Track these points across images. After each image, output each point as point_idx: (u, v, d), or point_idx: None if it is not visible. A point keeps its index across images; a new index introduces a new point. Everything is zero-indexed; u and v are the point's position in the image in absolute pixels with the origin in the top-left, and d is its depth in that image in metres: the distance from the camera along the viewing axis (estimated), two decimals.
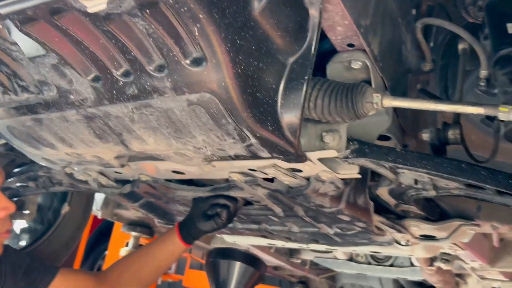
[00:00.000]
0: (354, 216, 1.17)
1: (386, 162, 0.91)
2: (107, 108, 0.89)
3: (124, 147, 1.01)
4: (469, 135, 1.21)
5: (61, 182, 1.48)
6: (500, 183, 0.81)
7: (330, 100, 0.85)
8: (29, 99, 0.96)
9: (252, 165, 1.02)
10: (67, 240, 1.78)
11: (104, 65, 0.80)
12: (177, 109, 0.83)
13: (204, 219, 1.32)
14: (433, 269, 2.02)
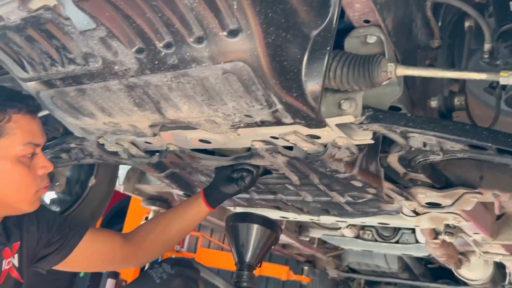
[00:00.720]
0: (366, 182, 1.28)
1: (397, 127, 1.01)
2: (147, 78, 0.99)
3: (160, 115, 1.11)
4: (474, 110, 1.31)
5: (92, 154, 1.59)
6: (500, 142, 0.91)
7: (349, 70, 0.95)
8: (75, 71, 1.06)
9: (274, 132, 1.12)
10: (93, 211, 1.90)
11: (148, 37, 0.90)
12: (212, 78, 0.93)
13: (227, 183, 1.41)
14: (438, 242, 2.13)
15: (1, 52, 1.09)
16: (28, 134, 1.14)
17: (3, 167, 1.10)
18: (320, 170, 1.26)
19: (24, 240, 1.28)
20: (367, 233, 2.78)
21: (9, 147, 1.10)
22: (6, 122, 1.10)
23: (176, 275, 1.18)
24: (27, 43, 1.03)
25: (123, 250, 1.46)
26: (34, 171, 1.16)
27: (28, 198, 1.16)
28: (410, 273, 3.57)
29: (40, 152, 1.19)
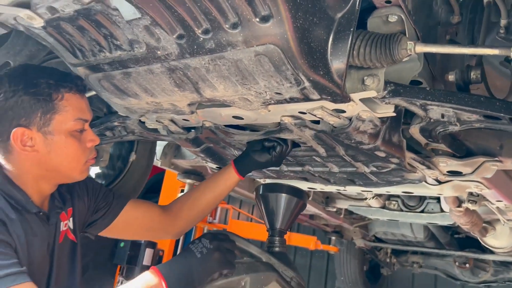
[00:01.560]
0: (389, 152, 1.36)
1: (417, 100, 1.09)
2: (187, 61, 1.09)
3: (198, 94, 1.22)
4: (494, 81, 1.37)
5: (133, 131, 1.73)
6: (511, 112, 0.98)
7: (371, 49, 1.03)
8: (121, 56, 1.17)
9: (302, 107, 1.22)
10: (134, 184, 2.06)
11: (188, 24, 1.00)
12: (245, 59, 1.03)
13: (259, 152, 1.51)
14: (461, 211, 2.19)
15: (55, 40, 1.21)
16: (78, 110, 1.27)
17: (58, 140, 1.24)
18: (346, 142, 1.35)
19: (76, 206, 1.43)
20: (392, 203, 2.86)
21: (63, 123, 1.24)
22: (59, 100, 1.23)
23: (214, 249, 1.29)
24: (79, 32, 1.14)
25: (160, 219, 1.59)
26: (84, 144, 1.29)
27: (79, 168, 1.30)
28: (436, 242, 3.64)
29: (88, 127, 1.32)
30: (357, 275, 4.41)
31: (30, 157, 1.23)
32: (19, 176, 1.24)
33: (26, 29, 1.19)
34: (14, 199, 1.20)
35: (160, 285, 1.17)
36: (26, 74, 1.23)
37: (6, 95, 1.18)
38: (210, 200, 1.60)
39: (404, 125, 1.39)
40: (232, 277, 1.32)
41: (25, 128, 1.20)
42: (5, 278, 1.03)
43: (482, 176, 1.55)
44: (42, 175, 1.26)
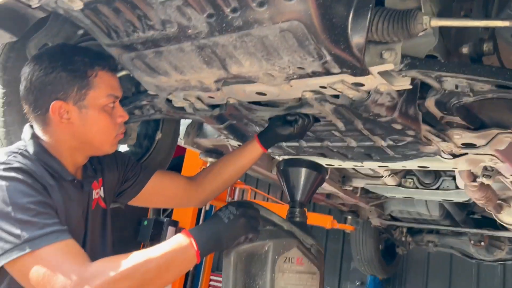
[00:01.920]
0: (405, 124, 1.43)
1: (432, 72, 1.16)
2: (216, 39, 1.17)
3: (225, 71, 1.30)
4: (505, 54, 1.42)
5: (161, 110, 1.82)
6: None
7: (389, 24, 1.10)
8: (154, 35, 1.26)
9: (323, 82, 1.29)
10: (161, 161, 2.16)
11: (217, 4, 1.08)
12: (271, 36, 1.11)
13: (283, 125, 1.59)
14: (476, 185, 2.24)
15: (91, 22, 1.30)
16: (110, 87, 1.36)
17: (91, 113, 1.33)
18: (364, 115, 1.43)
19: (106, 176, 1.54)
20: (408, 181, 2.91)
21: (96, 98, 1.32)
22: (93, 77, 1.32)
23: (240, 215, 1.37)
24: (114, 14, 1.23)
25: (185, 188, 1.69)
26: (114, 119, 1.38)
27: (109, 141, 1.39)
28: (451, 220, 3.70)
29: (118, 104, 1.41)
30: (372, 254, 4.50)
31: (66, 129, 1.32)
32: (55, 147, 1.34)
33: (65, 12, 1.28)
34: (51, 167, 1.30)
35: (191, 245, 1.26)
36: (63, 52, 1.32)
37: (46, 70, 1.27)
38: (233, 171, 1.69)
39: (419, 100, 1.46)
40: (256, 241, 1.42)
41: (62, 101, 1.29)
42: (50, 235, 1.13)
43: (496, 148, 1.60)
44: (76, 146, 1.35)
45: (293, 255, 1.47)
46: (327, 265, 7.67)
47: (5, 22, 1.31)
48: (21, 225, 1.12)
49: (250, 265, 1.44)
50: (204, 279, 5.35)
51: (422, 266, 6.89)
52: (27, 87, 1.30)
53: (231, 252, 1.42)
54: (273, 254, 1.42)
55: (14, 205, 1.14)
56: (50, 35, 1.44)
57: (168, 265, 1.21)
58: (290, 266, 1.45)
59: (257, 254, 1.43)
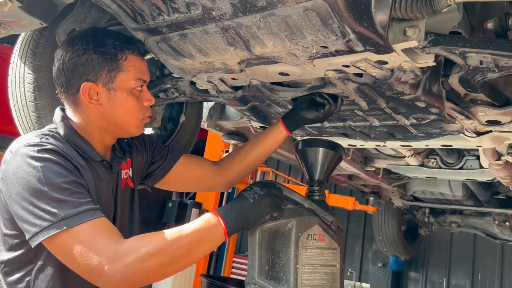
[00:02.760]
0: (429, 102, 1.43)
1: (456, 48, 1.15)
2: (240, 20, 1.19)
3: (248, 52, 1.32)
4: None
5: (185, 92, 1.86)
6: None
7: (413, 0, 1.10)
8: (179, 18, 1.28)
9: (346, 60, 1.30)
10: (185, 143, 2.21)
11: None
12: (294, 15, 1.12)
13: (308, 108, 1.61)
14: (501, 164, 2.23)
15: (118, 7, 1.33)
16: (139, 71, 1.39)
17: (120, 96, 1.37)
18: (387, 94, 1.43)
19: (134, 158, 1.59)
20: (431, 161, 2.90)
21: (125, 81, 1.36)
22: (123, 60, 1.36)
23: (265, 195, 1.41)
24: None
25: (211, 171, 1.73)
26: (141, 102, 1.42)
27: (136, 123, 1.43)
28: (475, 200, 3.67)
29: (146, 88, 1.45)
30: (395, 235, 4.51)
31: (95, 110, 1.37)
32: (85, 128, 1.39)
33: None
34: (81, 149, 1.35)
35: (219, 224, 1.30)
36: (95, 36, 1.36)
37: (78, 52, 1.32)
38: (259, 153, 1.72)
39: (443, 78, 1.45)
40: (280, 219, 1.45)
41: (92, 83, 1.33)
42: (85, 213, 1.18)
43: None
44: (105, 127, 1.40)
45: (315, 232, 1.51)
46: (348, 247, 7.72)
47: (34, 9, 1.35)
48: (57, 204, 1.17)
49: (274, 242, 1.48)
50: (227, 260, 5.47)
51: (445, 246, 6.87)
52: (60, 68, 1.34)
53: (256, 230, 1.46)
54: (296, 231, 1.46)
55: (49, 184, 1.19)
56: (78, 20, 1.48)
57: (198, 242, 1.26)
58: (312, 242, 1.49)
59: (281, 231, 1.47)
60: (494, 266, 6.51)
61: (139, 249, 1.18)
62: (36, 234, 1.16)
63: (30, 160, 1.22)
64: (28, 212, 1.18)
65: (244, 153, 1.73)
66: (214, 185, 1.79)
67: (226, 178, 1.75)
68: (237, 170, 1.74)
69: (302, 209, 1.55)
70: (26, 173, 1.20)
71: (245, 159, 1.73)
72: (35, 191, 1.18)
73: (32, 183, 1.19)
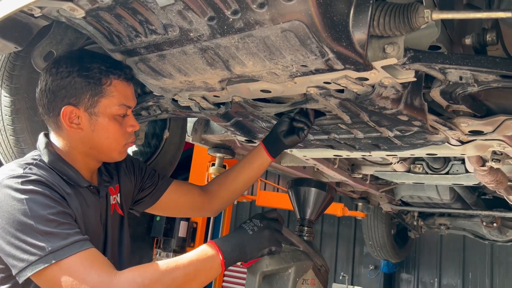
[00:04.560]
0: (411, 116, 1.43)
1: (436, 64, 1.15)
2: (218, 41, 1.18)
3: (228, 71, 1.31)
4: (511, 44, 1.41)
5: (167, 110, 1.83)
6: None
7: (390, 18, 1.09)
8: (156, 39, 1.26)
9: (327, 78, 1.29)
10: (170, 159, 2.18)
11: (218, 7, 1.08)
12: (272, 36, 1.11)
13: (287, 134, 1.63)
14: (486, 170, 2.24)
15: (94, 29, 1.31)
16: (123, 97, 1.37)
17: (101, 121, 1.34)
18: (369, 108, 1.43)
19: (122, 183, 1.56)
20: (417, 167, 2.91)
21: (108, 106, 1.34)
22: (108, 85, 1.33)
23: (264, 228, 1.41)
24: (116, 20, 1.24)
25: (200, 199, 1.73)
26: (124, 128, 1.40)
27: (118, 149, 1.41)
28: (462, 203, 3.69)
29: (131, 114, 1.42)
30: (385, 239, 4.52)
31: (75, 134, 1.34)
32: (68, 153, 1.36)
33: (67, 20, 1.29)
34: (67, 175, 1.32)
35: (216, 255, 1.29)
36: (81, 58, 1.33)
37: (62, 74, 1.29)
38: (245, 180, 1.73)
39: (425, 89, 1.45)
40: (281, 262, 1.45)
41: (73, 106, 1.31)
42: (74, 245, 1.15)
43: (504, 134, 1.60)
44: (87, 152, 1.37)
45: (309, 277, 1.52)
46: (340, 251, 7.73)
47: (8, 33, 1.32)
48: (44, 237, 1.14)
49: (271, 284, 1.49)
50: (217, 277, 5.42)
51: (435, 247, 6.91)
52: (42, 89, 1.32)
53: (257, 271, 1.45)
54: (295, 277, 1.47)
55: (35, 217, 1.15)
56: (54, 42, 1.45)
57: (195, 273, 1.24)
58: (306, 287, 1.49)
59: (279, 275, 1.48)
60: (484, 265, 6.56)
61: (135, 279, 1.15)
62: (24, 269, 1.13)
63: (14, 193, 1.18)
64: (14, 247, 1.14)
65: (232, 180, 1.73)
66: (203, 211, 1.80)
67: (215, 206, 1.76)
68: (225, 197, 1.76)
69: (300, 252, 1.55)
70: (11, 206, 1.16)
71: (232, 186, 1.74)
72: (20, 225, 1.15)
73: (17, 217, 1.15)
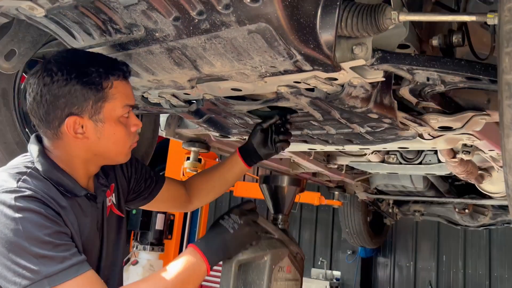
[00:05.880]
0: (381, 114, 1.43)
1: (403, 65, 1.15)
2: (184, 41, 1.15)
3: (197, 71, 1.28)
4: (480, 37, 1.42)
5: (137, 106, 1.80)
6: (490, 74, 1.05)
7: (358, 19, 1.08)
8: (121, 39, 1.23)
9: (297, 78, 1.28)
10: (143, 154, 2.15)
11: (183, 7, 1.05)
12: (239, 37, 1.09)
13: (263, 145, 1.67)
14: (456, 161, 2.28)
15: (56, 27, 1.26)
16: (125, 97, 1.28)
17: (108, 127, 1.25)
18: (340, 107, 1.43)
19: (118, 182, 1.49)
20: (391, 157, 2.94)
21: (112, 110, 1.25)
22: (109, 88, 1.23)
23: (245, 224, 1.41)
24: (79, 19, 1.19)
25: (184, 197, 1.74)
26: (129, 129, 1.31)
27: (125, 152, 1.33)
28: (435, 190, 3.77)
29: (132, 112, 1.34)
30: (361, 226, 4.59)
31: (79, 143, 1.25)
32: (67, 161, 1.27)
33: (28, 18, 1.24)
34: (63, 186, 1.23)
35: (201, 261, 1.29)
36: (76, 62, 1.23)
37: (59, 83, 1.18)
38: (224, 183, 1.77)
39: (396, 86, 1.46)
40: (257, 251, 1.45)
41: (77, 116, 1.21)
42: (70, 269, 1.10)
43: (472, 130, 1.62)
44: (89, 158, 1.29)
45: (285, 264, 1.53)
46: (319, 236, 7.82)
47: None
48: (38, 260, 1.08)
49: (247, 273, 1.49)
50: None
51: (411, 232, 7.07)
52: (37, 100, 1.20)
53: (233, 260, 1.45)
54: (271, 264, 1.48)
55: (29, 238, 1.08)
56: (15, 40, 1.40)
57: (183, 284, 1.24)
58: (282, 274, 1.52)
59: (255, 263, 1.48)
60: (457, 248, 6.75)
61: None
62: None
63: (7, 210, 1.11)
64: (6, 269, 1.08)
65: (211, 182, 1.76)
66: (182, 208, 1.83)
67: (194, 204, 1.80)
68: (205, 196, 1.79)
69: (276, 240, 1.56)
70: (3, 225, 1.09)
71: (212, 189, 1.77)
72: (14, 246, 1.08)
73: (9, 237, 1.08)
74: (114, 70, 1.25)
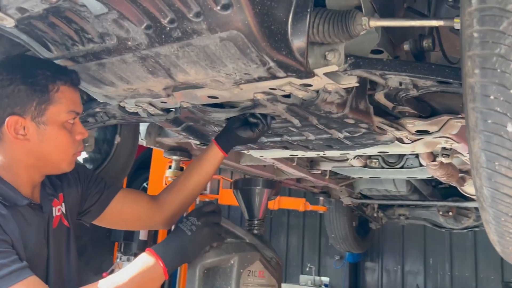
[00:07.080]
0: (357, 119, 1.44)
1: (376, 70, 1.16)
2: (157, 49, 1.15)
3: (171, 79, 1.28)
4: (453, 41, 1.44)
5: (115, 116, 1.78)
6: (459, 77, 1.06)
7: (329, 26, 1.09)
8: (94, 48, 1.22)
9: (272, 84, 1.28)
10: (122, 165, 2.13)
11: (154, 16, 1.05)
12: (212, 45, 1.09)
13: (242, 128, 1.56)
14: (436, 164, 2.30)
15: (28, 37, 1.25)
16: (71, 103, 1.29)
17: (50, 130, 1.26)
18: (316, 113, 1.43)
19: (67, 192, 1.46)
20: (374, 162, 2.96)
21: (56, 114, 1.26)
22: (55, 92, 1.25)
23: (203, 225, 1.35)
24: (50, 28, 1.18)
25: (149, 207, 1.60)
26: (73, 136, 1.32)
27: (67, 159, 1.33)
28: (419, 194, 3.80)
29: (78, 121, 1.35)
30: (347, 231, 4.60)
31: (21, 146, 1.25)
32: (9, 166, 1.26)
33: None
34: (3, 195, 1.22)
35: (157, 264, 1.25)
36: (24, 64, 1.24)
37: (2, 83, 1.19)
38: (197, 181, 1.62)
39: (371, 91, 1.47)
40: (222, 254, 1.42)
41: (19, 116, 1.21)
42: (10, 276, 1.08)
43: (449, 133, 1.64)
44: (32, 164, 1.28)
45: (256, 268, 1.48)
46: (306, 242, 7.82)
47: None
48: None
49: (214, 278, 1.45)
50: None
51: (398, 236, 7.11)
52: None
53: (197, 264, 1.42)
54: (238, 268, 1.44)
55: None
56: None
57: (137, 286, 1.21)
58: (253, 279, 1.47)
59: (222, 267, 1.44)
60: (443, 251, 6.80)
61: None
62: None
63: None
64: None
65: (180, 184, 1.62)
66: (154, 223, 1.65)
67: (165, 214, 1.62)
68: (176, 203, 1.62)
69: (245, 244, 1.52)
70: None
71: (182, 190, 1.62)
72: None
73: None
74: (62, 75, 1.26)
